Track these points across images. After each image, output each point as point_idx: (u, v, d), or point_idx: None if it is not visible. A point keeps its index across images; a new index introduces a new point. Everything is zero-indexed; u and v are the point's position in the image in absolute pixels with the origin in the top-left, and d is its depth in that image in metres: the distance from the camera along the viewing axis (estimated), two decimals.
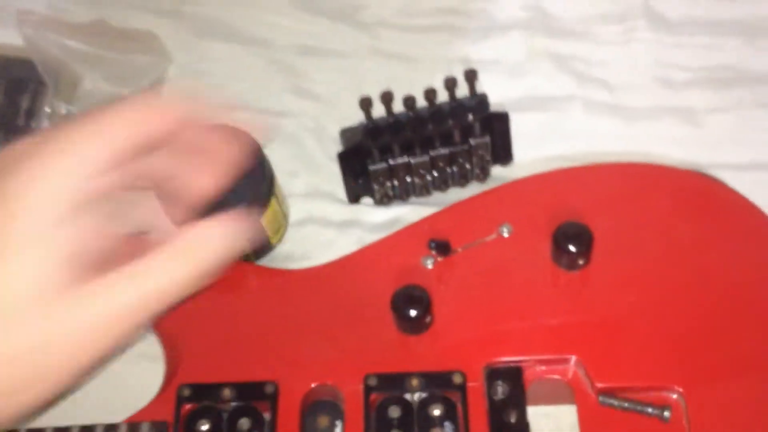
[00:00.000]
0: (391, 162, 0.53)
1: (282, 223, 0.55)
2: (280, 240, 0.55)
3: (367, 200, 0.57)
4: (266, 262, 0.55)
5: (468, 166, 0.55)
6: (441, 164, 0.54)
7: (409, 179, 0.55)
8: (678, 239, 0.50)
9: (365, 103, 0.52)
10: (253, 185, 0.50)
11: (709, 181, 0.53)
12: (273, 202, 0.52)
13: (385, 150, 0.53)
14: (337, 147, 0.56)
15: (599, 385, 0.46)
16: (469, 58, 0.62)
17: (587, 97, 0.60)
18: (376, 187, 0.55)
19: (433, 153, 0.53)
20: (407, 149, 0.53)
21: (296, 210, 0.57)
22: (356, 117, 0.54)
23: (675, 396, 0.46)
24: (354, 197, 0.57)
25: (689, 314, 0.48)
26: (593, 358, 0.47)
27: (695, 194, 0.52)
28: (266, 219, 0.52)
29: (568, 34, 0.62)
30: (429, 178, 0.55)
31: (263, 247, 0.54)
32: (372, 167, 0.53)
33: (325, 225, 0.57)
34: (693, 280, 0.49)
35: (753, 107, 0.58)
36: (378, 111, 0.53)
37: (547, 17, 0.63)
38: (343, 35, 0.64)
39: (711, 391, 0.45)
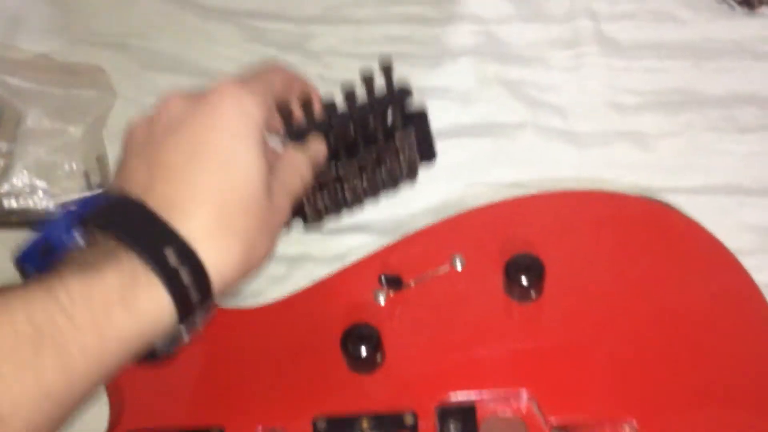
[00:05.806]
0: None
1: None
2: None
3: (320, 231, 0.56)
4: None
5: (396, 164, 0.51)
6: (369, 167, 0.51)
7: (338, 190, 0.51)
8: (630, 268, 0.50)
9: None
10: None
11: (660, 207, 0.53)
12: None
13: None
14: None
15: (552, 419, 0.45)
16: (420, 85, 0.61)
17: (539, 122, 0.59)
18: (305, 203, 0.50)
19: (359, 157, 0.50)
20: (331, 158, 0.49)
21: None
22: None
23: (629, 428, 0.45)
24: None
25: (642, 345, 0.47)
26: (546, 392, 0.46)
27: (647, 222, 0.52)
28: None
29: (519, 60, 0.62)
30: (358, 184, 0.51)
31: None
32: None
33: (276, 260, 0.56)
34: (646, 309, 0.48)
35: (703, 130, 0.58)
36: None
37: (498, 43, 0.63)
38: (292, 65, 0.63)
39: (665, 422, 0.45)
